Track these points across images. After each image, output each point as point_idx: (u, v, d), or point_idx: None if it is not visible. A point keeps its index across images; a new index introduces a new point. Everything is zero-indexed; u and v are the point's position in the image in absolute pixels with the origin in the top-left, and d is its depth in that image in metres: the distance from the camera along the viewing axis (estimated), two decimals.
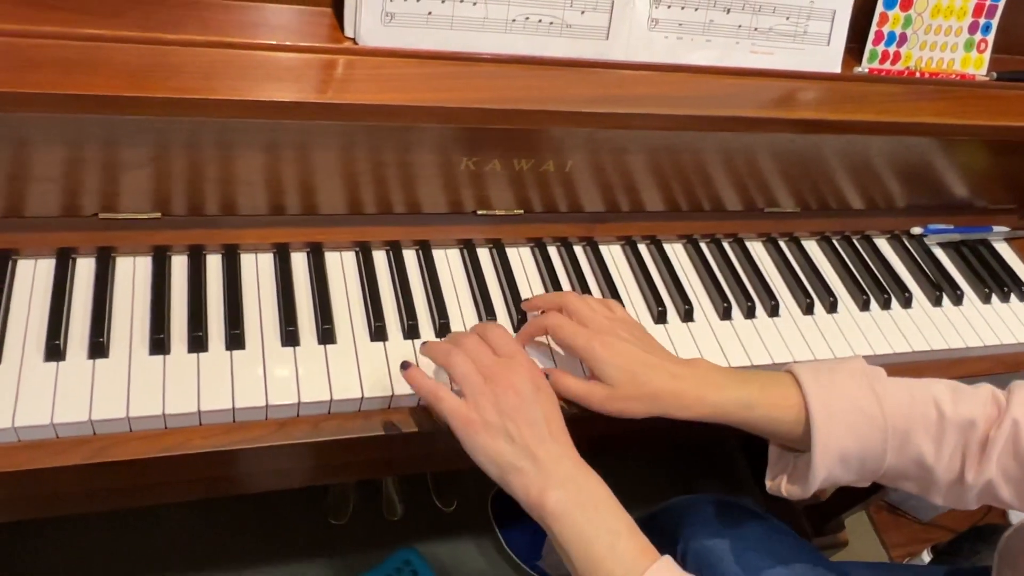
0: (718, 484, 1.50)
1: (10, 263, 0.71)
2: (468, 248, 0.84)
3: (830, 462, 0.64)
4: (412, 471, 1.26)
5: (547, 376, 0.66)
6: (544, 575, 1.27)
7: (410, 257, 0.82)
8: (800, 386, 0.66)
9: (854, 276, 0.95)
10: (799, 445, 0.68)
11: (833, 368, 0.67)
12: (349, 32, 0.73)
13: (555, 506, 0.58)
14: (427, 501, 1.29)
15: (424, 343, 0.68)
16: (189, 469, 0.68)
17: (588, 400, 0.67)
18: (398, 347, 0.74)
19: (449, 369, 0.64)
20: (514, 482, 0.59)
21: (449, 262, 0.83)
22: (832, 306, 0.90)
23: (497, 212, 0.84)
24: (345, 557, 1.25)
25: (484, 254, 0.84)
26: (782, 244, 0.96)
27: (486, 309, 0.78)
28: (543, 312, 0.73)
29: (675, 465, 1.51)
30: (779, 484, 0.69)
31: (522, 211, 0.84)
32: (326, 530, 1.27)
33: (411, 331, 0.75)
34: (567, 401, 0.69)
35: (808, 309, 0.89)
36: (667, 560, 0.57)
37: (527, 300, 0.77)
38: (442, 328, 0.76)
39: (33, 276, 0.71)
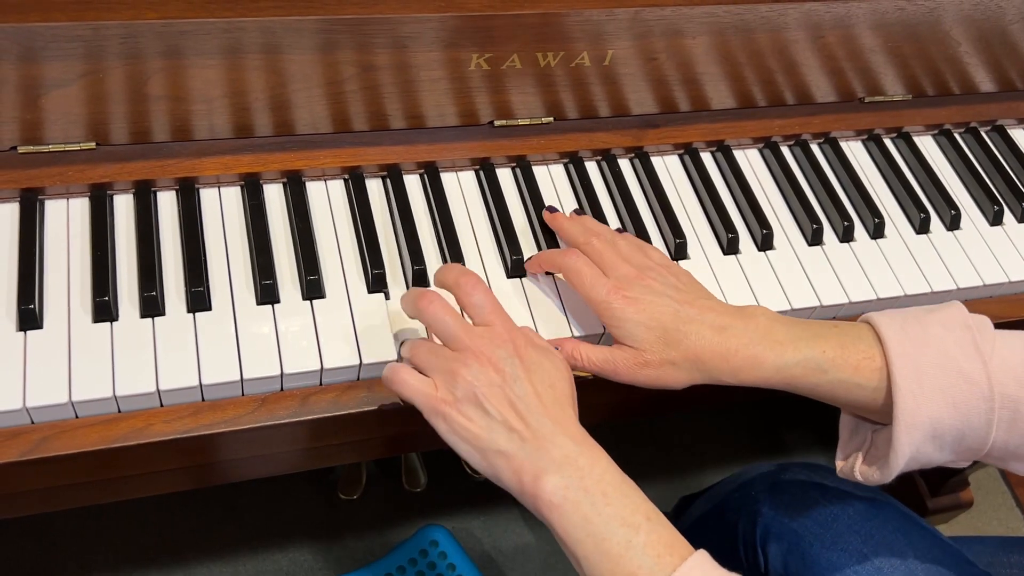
0: (810, 440, 1.49)
1: None
2: (485, 169, 0.83)
3: (918, 438, 0.61)
4: (433, 448, 1.25)
5: (558, 348, 0.65)
6: None
7: (413, 184, 0.81)
8: (881, 341, 0.63)
9: (983, 181, 0.92)
10: (879, 417, 0.65)
11: (923, 318, 0.64)
12: None
13: (553, 495, 0.56)
14: (455, 467, 1.29)
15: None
16: (155, 460, 0.68)
17: (612, 370, 0.66)
18: None
19: (412, 348, 0.63)
20: (501, 469, 0.58)
21: (462, 188, 0.82)
22: (954, 221, 0.88)
23: (520, 122, 0.83)
24: (360, 538, 1.26)
25: (505, 175, 0.83)
26: (888, 143, 0.94)
27: (509, 244, 0.77)
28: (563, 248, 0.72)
29: (756, 421, 1.50)
30: (852, 465, 0.67)
31: (551, 119, 0.84)
32: (336, 507, 1.27)
33: (418, 278, 0.74)
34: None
35: (923, 227, 0.87)
36: (701, 556, 0.55)
37: (552, 214, 0.77)
38: None
39: None
